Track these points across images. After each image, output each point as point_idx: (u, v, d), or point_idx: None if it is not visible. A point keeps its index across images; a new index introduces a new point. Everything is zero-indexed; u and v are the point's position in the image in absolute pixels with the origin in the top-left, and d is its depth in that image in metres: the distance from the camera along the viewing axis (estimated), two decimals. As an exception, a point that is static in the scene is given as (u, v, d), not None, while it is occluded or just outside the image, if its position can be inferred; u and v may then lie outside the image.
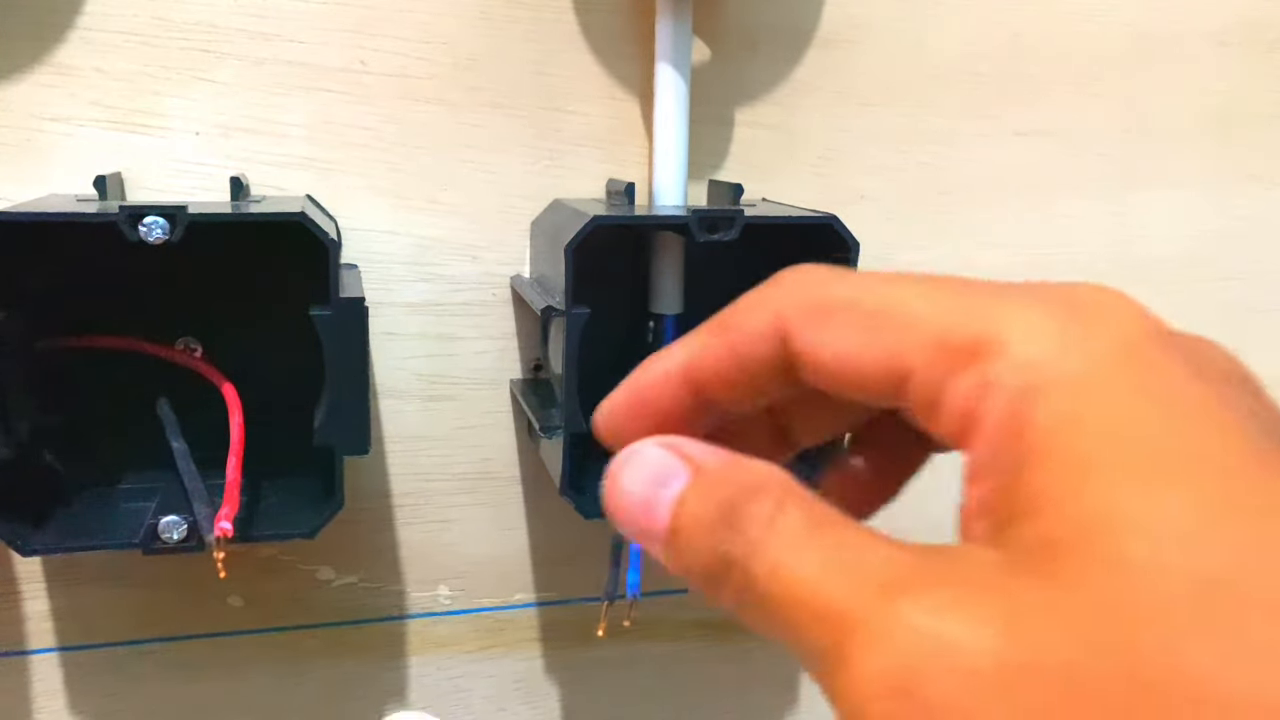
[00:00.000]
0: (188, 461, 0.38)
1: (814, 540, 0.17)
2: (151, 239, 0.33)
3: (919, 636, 0.15)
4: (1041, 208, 0.50)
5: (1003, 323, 0.17)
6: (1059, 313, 0.17)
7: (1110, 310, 0.17)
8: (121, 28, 0.39)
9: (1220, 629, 0.13)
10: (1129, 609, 0.14)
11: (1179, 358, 0.17)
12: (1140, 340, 0.17)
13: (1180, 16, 0.50)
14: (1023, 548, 0.15)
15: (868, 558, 0.16)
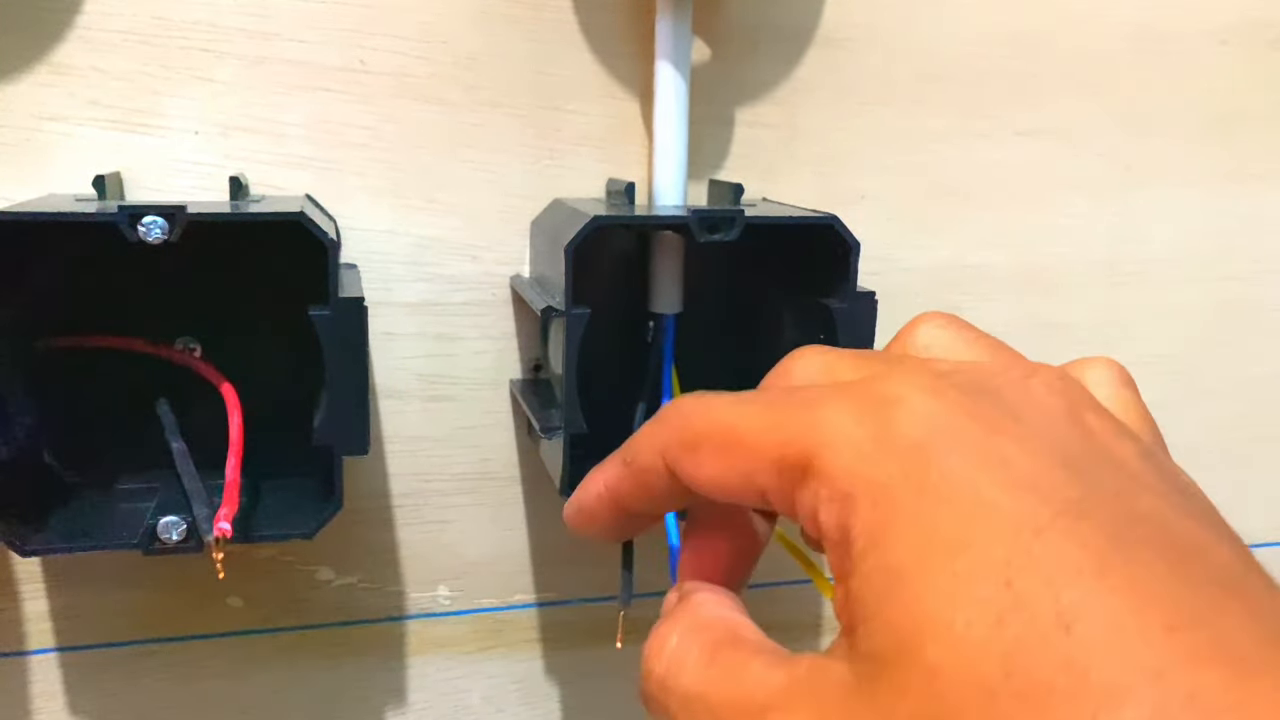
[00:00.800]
0: (187, 462, 0.38)
1: (710, 662, 0.20)
2: (150, 238, 0.33)
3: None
4: (1041, 208, 0.50)
5: (820, 437, 0.19)
6: (864, 418, 0.19)
7: (905, 405, 0.18)
8: (120, 27, 0.39)
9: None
10: (928, 717, 0.15)
11: (970, 431, 0.18)
12: (930, 435, 0.18)
13: (1181, 15, 0.49)
14: (858, 658, 0.17)
15: (746, 683, 0.19)
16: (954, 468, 0.17)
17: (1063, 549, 0.16)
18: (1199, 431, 0.54)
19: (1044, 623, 0.15)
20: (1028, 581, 0.15)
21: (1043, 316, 0.51)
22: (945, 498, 0.17)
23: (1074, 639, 0.15)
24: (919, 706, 0.16)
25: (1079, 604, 0.15)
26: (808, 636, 0.52)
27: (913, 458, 0.18)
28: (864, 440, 0.18)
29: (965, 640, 0.15)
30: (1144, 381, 0.24)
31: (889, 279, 0.47)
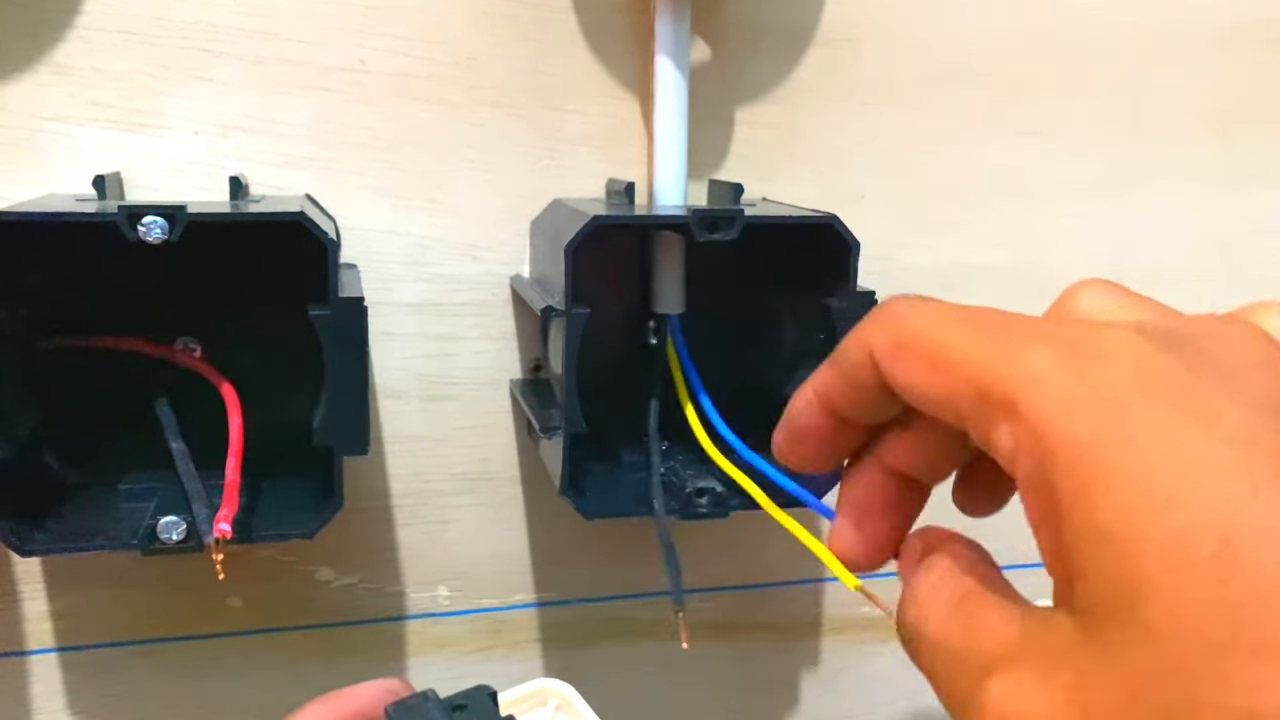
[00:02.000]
0: (187, 462, 0.37)
1: (953, 613, 0.21)
2: (150, 238, 0.33)
3: (1001, 715, 0.18)
4: (1042, 208, 0.50)
5: (1026, 377, 0.19)
6: (1072, 367, 0.18)
7: (1110, 352, 0.18)
8: (120, 27, 0.39)
9: (1235, 683, 0.15)
10: (1157, 676, 0.15)
11: (1177, 384, 0.18)
12: (1135, 387, 0.18)
13: (1182, 16, 0.49)
14: (1080, 612, 0.17)
15: (982, 634, 0.20)
16: (1162, 422, 0.17)
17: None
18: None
19: (1270, 579, 0.15)
20: (1249, 539, 0.15)
21: (1043, 316, 0.51)
22: (1155, 453, 0.17)
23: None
24: (1146, 663, 0.16)
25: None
26: (807, 637, 0.52)
27: (1120, 411, 0.17)
28: (1071, 390, 0.18)
29: (1187, 598, 0.15)
30: (1144, 381, 0.24)
31: (889, 278, 0.47)
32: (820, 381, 0.24)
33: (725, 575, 0.50)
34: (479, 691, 0.28)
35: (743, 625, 0.51)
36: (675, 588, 0.38)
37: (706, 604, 0.50)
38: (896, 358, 0.21)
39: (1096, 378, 0.18)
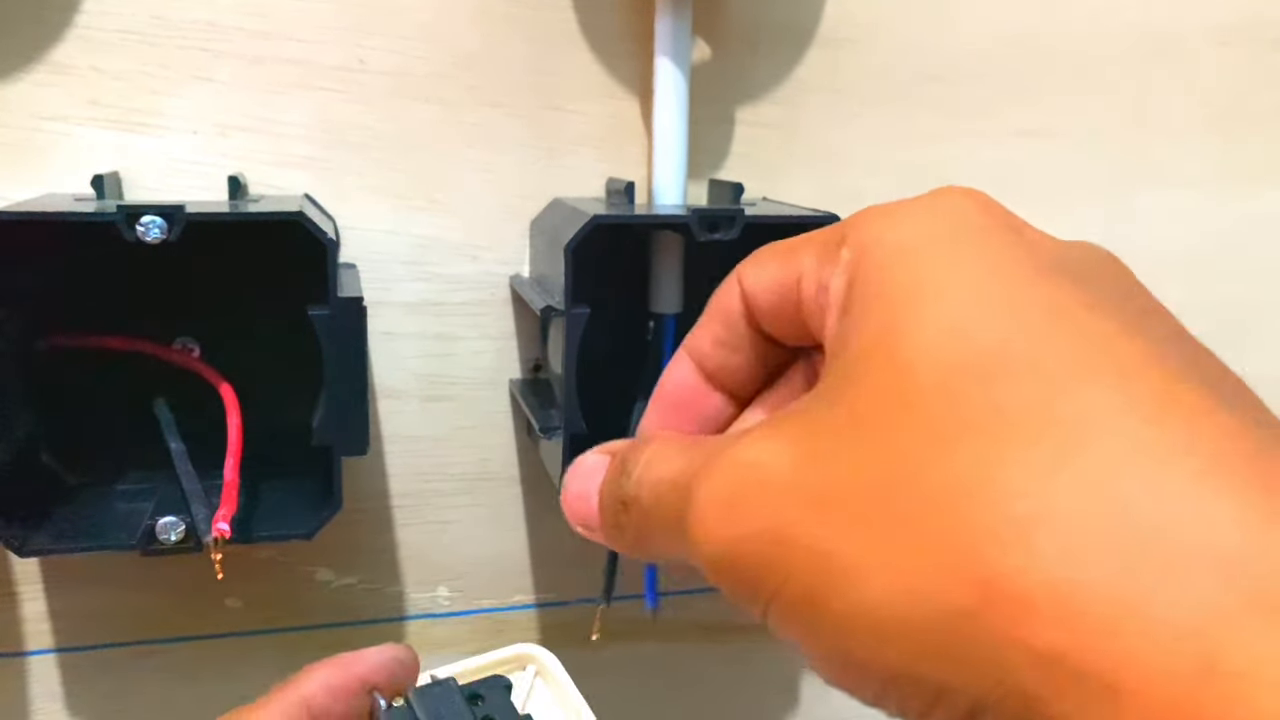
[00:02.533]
0: (185, 462, 0.37)
1: (677, 449, 0.21)
2: (149, 238, 0.33)
3: (739, 464, 0.18)
4: (1042, 207, 0.49)
5: (862, 218, 0.20)
6: (907, 205, 0.20)
7: (951, 202, 0.20)
8: (119, 26, 0.39)
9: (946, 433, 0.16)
10: (883, 416, 0.17)
11: (1001, 239, 0.19)
12: (963, 225, 0.19)
13: (1182, 15, 0.49)
14: (830, 379, 0.19)
15: (719, 439, 0.20)
16: (975, 250, 0.18)
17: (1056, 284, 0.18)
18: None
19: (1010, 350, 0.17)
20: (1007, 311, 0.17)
21: (1043, 316, 0.51)
22: (966, 261, 0.18)
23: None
24: (874, 409, 0.17)
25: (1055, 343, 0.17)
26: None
27: (946, 236, 0.19)
28: (899, 218, 0.19)
29: (933, 345, 0.17)
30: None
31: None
32: (690, 337, 0.24)
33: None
34: (495, 682, 0.28)
35: (742, 626, 0.51)
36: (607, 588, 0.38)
37: (706, 604, 0.50)
38: (754, 265, 0.22)
39: (935, 212, 0.19)
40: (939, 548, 0.16)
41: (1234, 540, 0.14)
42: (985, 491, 0.16)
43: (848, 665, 0.17)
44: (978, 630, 0.15)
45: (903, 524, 0.16)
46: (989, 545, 0.15)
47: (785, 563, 0.18)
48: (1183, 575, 0.14)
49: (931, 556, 0.16)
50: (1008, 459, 0.16)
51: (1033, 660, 0.15)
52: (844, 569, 0.17)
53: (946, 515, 0.16)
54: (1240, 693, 0.13)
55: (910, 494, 0.16)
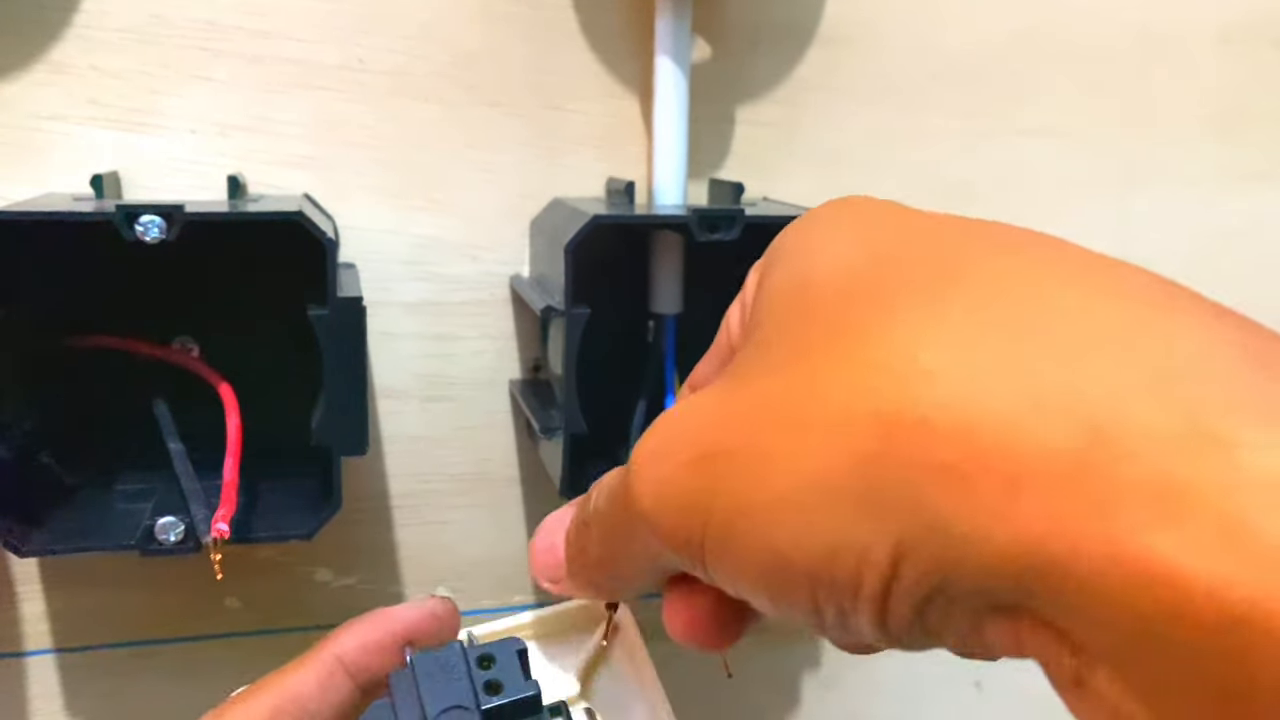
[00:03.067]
0: (185, 462, 0.37)
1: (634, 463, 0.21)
2: (148, 238, 0.32)
3: (667, 418, 0.20)
4: (1042, 207, 0.50)
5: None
6: (816, 211, 0.23)
7: (851, 203, 0.23)
8: (118, 25, 0.39)
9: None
10: (785, 335, 0.19)
11: (871, 209, 0.22)
12: (845, 207, 0.22)
13: (1183, 15, 0.49)
14: (746, 336, 0.21)
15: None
16: (853, 216, 0.22)
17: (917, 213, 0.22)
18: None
19: (883, 256, 0.20)
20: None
21: (1043, 316, 0.51)
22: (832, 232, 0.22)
23: None
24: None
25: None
26: (808, 638, 0.52)
27: (822, 216, 0.22)
28: (806, 220, 0.23)
29: (821, 270, 0.20)
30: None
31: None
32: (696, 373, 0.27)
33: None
34: (509, 645, 0.27)
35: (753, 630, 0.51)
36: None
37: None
38: None
39: (834, 209, 0.22)
40: (840, 408, 0.16)
41: (1122, 327, 0.15)
42: (875, 344, 0.17)
43: (780, 570, 0.17)
44: (885, 470, 0.16)
45: (808, 405, 0.17)
46: (884, 383, 0.16)
47: (711, 482, 0.18)
48: (1072, 361, 0.15)
49: (835, 417, 0.16)
50: (894, 318, 0.17)
51: (937, 481, 0.15)
52: (762, 463, 0.17)
53: (844, 376, 0.17)
54: (1126, 453, 0.14)
55: (813, 381, 0.17)
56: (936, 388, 0.15)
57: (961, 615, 0.16)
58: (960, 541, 0.15)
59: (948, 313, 0.16)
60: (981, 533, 0.14)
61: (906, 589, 0.16)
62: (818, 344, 0.18)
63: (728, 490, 0.18)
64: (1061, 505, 0.14)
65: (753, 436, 0.18)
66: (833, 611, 0.17)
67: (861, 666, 0.53)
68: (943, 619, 0.16)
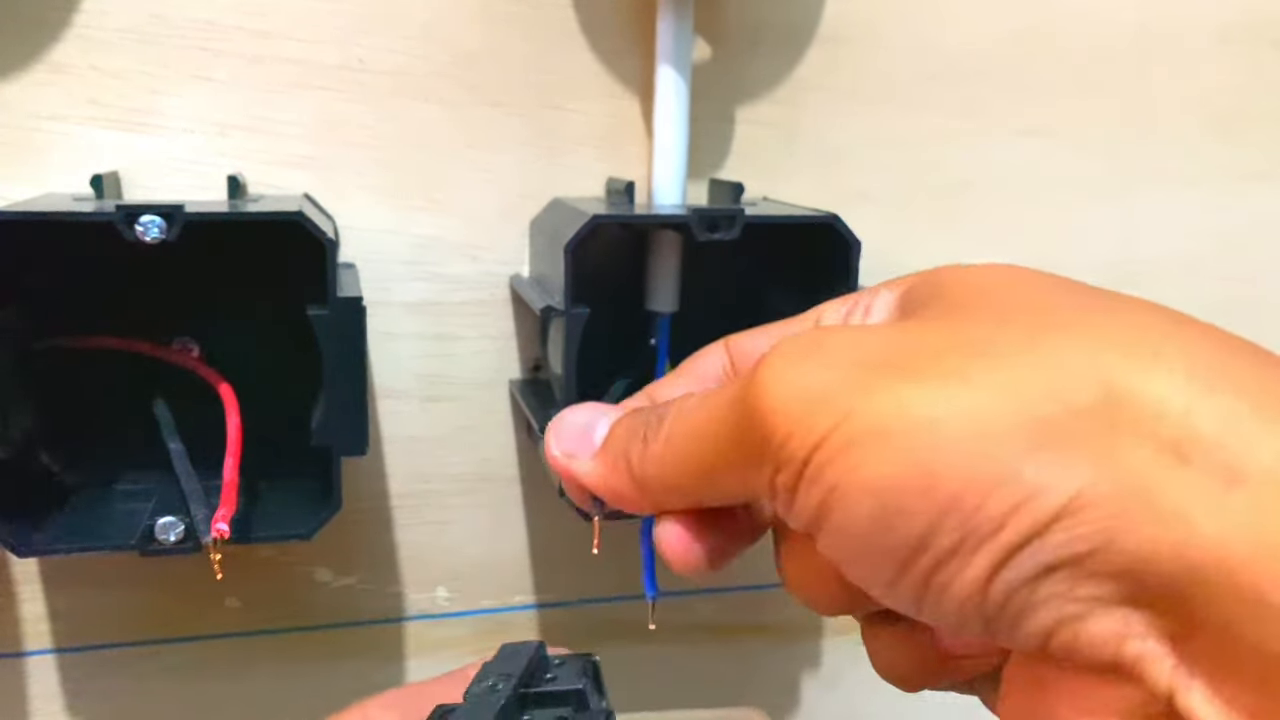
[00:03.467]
0: (184, 462, 0.37)
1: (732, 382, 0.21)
2: (148, 238, 0.32)
3: (823, 330, 0.21)
4: (1042, 207, 0.50)
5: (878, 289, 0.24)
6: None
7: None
8: (118, 25, 0.39)
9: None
10: (975, 312, 0.19)
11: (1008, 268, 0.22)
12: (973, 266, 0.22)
13: (1183, 14, 0.49)
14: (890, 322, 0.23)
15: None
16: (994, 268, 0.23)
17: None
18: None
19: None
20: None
21: (1043, 316, 0.51)
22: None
23: None
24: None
25: None
26: (808, 637, 0.52)
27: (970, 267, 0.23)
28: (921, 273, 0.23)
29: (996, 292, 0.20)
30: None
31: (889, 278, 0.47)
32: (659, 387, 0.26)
33: (726, 576, 0.50)
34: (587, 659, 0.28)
35: (743, 626, 0.51)
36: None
37: (707, 605, 0.50)
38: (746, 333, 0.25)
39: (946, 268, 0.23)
40: (1062, 361, 0.16)
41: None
42: (1108, 326, 0.17)
43: (917, 489, 0.16)
44: (1098, 425, 0.16)
45: (1022, 351, 0.17)
46: (1118, 355, 0.16)
47: (865, 387, 0.17)
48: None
49: (1054, 365, 0.16)
50: (1117, 316, 0.18)
51: (1157, 453, 0.15)
52: (946, 382, 0.17)
53: (1069, 340, 0.17)
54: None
55: (1032, 336, 0.17)
56: (1173, 375, 0.16)
57: (1081, 595, 0.15)
58: (1155, 514, 0.15)
59: (1180, 330, 0.17)
60: (1186, 512, 0.15)
61: (1052, 545, 0.15)
62: (1032, 315, 0.18)
63: (889, 398, 0.17)
64: (1271, 519, 0.14)
65: (942, 360, 0.17)
66: (941, 550, 0.16)
67: (862, 666, 0.53)
68: (1056, 594, 0.15)
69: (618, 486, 0.23)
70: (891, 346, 0.18)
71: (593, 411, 0.25)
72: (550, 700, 0.26)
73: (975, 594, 0.16)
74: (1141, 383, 0.16)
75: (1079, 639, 0.16)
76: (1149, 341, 0.17)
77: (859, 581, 0.18)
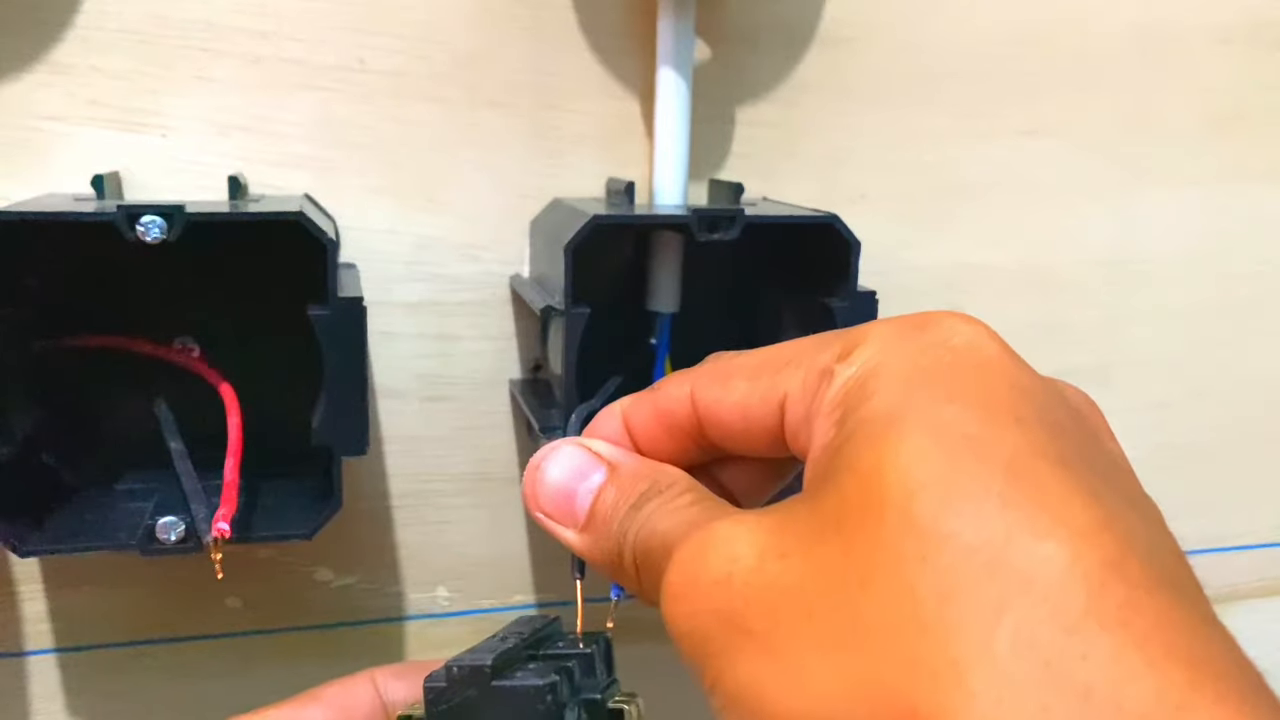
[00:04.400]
0: (185, 462, 0.37)
1: (683, 503, 0.22)
2: (149, 238, 0.32)
3: (712, 543, 0.20)
4: (1042, 207, 0.50)
5: (859, 338, 0.21)
6: (906, 329, 0.21)
7: (955, 332, 0.21)
8: (119, 26, 0.39)
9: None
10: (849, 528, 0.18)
11: (996, 380, 0.20)
12: (962, 360, 0.20)
13: (1181, 15, 0.49)
14: (810, 488, 0.20)
15: (711, 507, 0.22)
16: (978, 389, 0.19)
17: (1032, 432, 0.19)
18: (1199, 431, 0.54)
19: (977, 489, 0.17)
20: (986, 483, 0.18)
21: (1043, 316, 0.51)
22: (958, 398, 0.19)
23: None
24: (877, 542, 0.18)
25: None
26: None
27: (947, 367, 0.20)
28: (900, 342, 0.21)
29: (907, 472, 0.18)
30: (1144, 381, 0.25)
31: (889, 278, 0.46)
32: (627, 406, 0.26)
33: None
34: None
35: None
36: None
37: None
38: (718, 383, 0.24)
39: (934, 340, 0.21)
40: (878, 667, 0.17)
41: (1149, 709, 0.15)
42: (930, 624, 0.16)
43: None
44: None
45: (849, 633, 0.17)
46: (925, 680, 0.16)
47: (734, 648, 0.19)
48: None
49: (869, 674, 0.17)
50: (957, 594, 0.16)
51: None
52: (786, 666, 0.18)
53: (890, 637, 0.17)
54: None
55: (860, 606, 0.17)
56: (971, 712, 0.16)
57: None
58: None
59: (1002, 625, 0.16)
60: None
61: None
62: (876, 570, 0.18)
63: (748, 668, 0.19)
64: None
65: (787, 635, 0.18)
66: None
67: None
68: None
69: (605, 568, 0.24)
70: (765, 581, 0.19)
71: (572, 471, 0.25)
72: (554, 660, 0.26)
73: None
74: (942, 716, 0.16)
75: None
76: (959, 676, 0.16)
77: None
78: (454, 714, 0.25)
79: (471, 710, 0.25)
